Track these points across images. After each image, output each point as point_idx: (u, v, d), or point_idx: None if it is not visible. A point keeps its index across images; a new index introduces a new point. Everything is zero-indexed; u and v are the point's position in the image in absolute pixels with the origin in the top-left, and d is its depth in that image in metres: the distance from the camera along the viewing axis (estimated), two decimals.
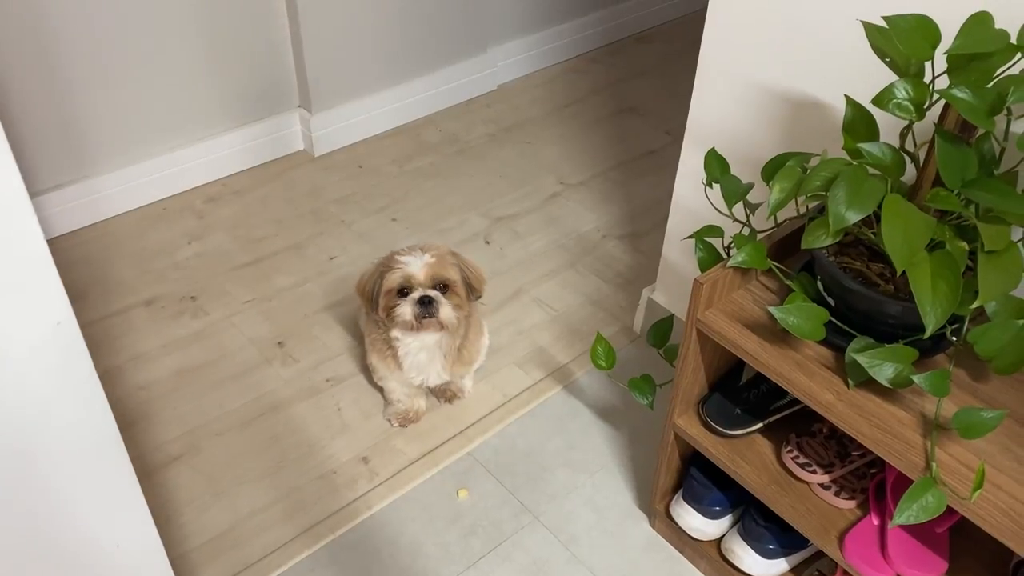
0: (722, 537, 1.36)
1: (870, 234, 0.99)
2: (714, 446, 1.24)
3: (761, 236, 1.13)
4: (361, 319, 1.67)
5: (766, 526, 1.27)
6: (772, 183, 1.00)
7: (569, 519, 1.46)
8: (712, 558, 1.36)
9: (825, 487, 1.18)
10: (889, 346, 0.95)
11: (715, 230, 1.16)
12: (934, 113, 0.91)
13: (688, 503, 1.35)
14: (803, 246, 0.96)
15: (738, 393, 1.27)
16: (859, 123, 0.97)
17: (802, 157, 1.04)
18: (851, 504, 1.17)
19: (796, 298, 1.03)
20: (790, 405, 1.26)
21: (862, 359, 0.94)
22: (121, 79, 1.95)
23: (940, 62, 0.88)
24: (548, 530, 1.45)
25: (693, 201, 1.53)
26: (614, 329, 1.83)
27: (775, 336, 1.07)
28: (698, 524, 1.34)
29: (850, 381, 1.01)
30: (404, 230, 2.08)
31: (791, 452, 1.20)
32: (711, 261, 1.15)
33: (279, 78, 2.21)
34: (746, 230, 1.13)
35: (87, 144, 1.98)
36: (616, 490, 1.51)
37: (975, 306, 0.89)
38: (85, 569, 0.94)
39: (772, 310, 0.99)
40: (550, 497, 1.50)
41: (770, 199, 0.99)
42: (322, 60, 2.19)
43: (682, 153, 1.52)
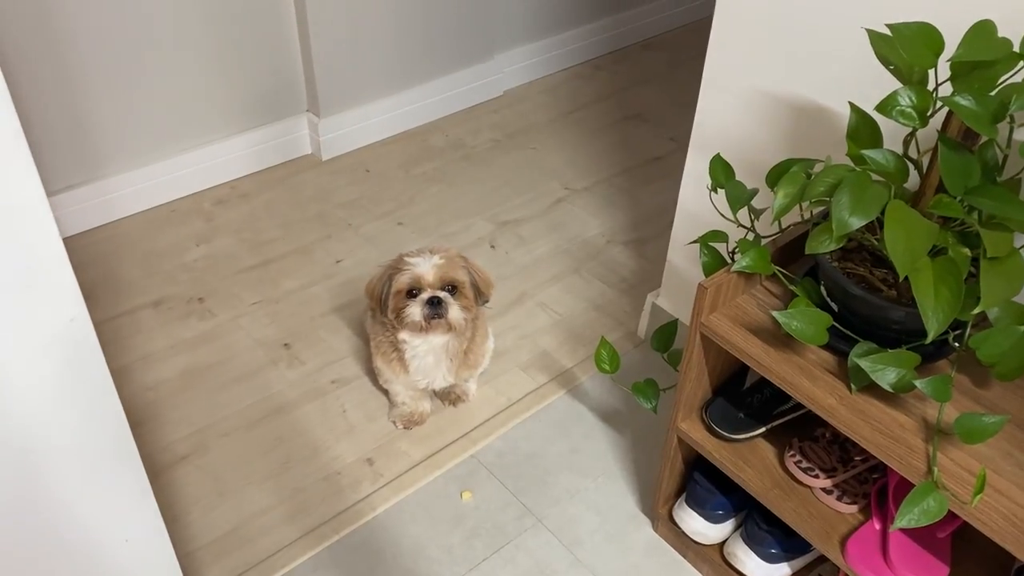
0: (725, 541, 1.36)
1: (873, 240, 1.00)
2: (717, 450, 1.25)
3: (765, 241, 1.14)
4: (367, 322, 1.68)
5: (769, 530, 1.28)
6: (776, 189, 1.01)
7: (572, 522, 1.47)
8: (715, 562, 1.36)
9: (828, 491, 1.18)
10: (892, 351, 0.96)
11: (720, 235, 1.17)
12: (937, 120, 0.92)
13: (691, 507, 1.35)
14: (807, 251, 0.97)
15: (741, 398, 1.27)
16: (863, 130, 0.98)
17: (806, 163, 1.05)
18: (853, 509, 1.18)
19: (800, 303, 1.04)
20: (793, 410, 1.26)
21: (865, 364, 0.95)
22: (132, 83, 1.97)
23: (943, 70, 0.89)
24: (551, 533, 1.45)
25: (698, 206, 1.54)
26: (618, 334, 1.83)
27: (778, 340, 1.08)
28: (701, 528, 1.35)
29: (853, 386, 1.02)
30: (410, 234, 2.10)
31: (794, 456, 1.21)
32: (715, 266, 1.16)
33: (288, 82, 2.23)
34: (750, 235, 1.14)
35: (97, 146, 2.00)
36: (619, 494, 1.52)
37: (977, 312, 0.89)
38: (94, 563, 0.95)
39: (776, 314, 1.00)
40: (553, 500, 1.50)
41: (774, 204, 1.00)
42: (330, 65, 2.21)
43: (687, 158, 1.53)
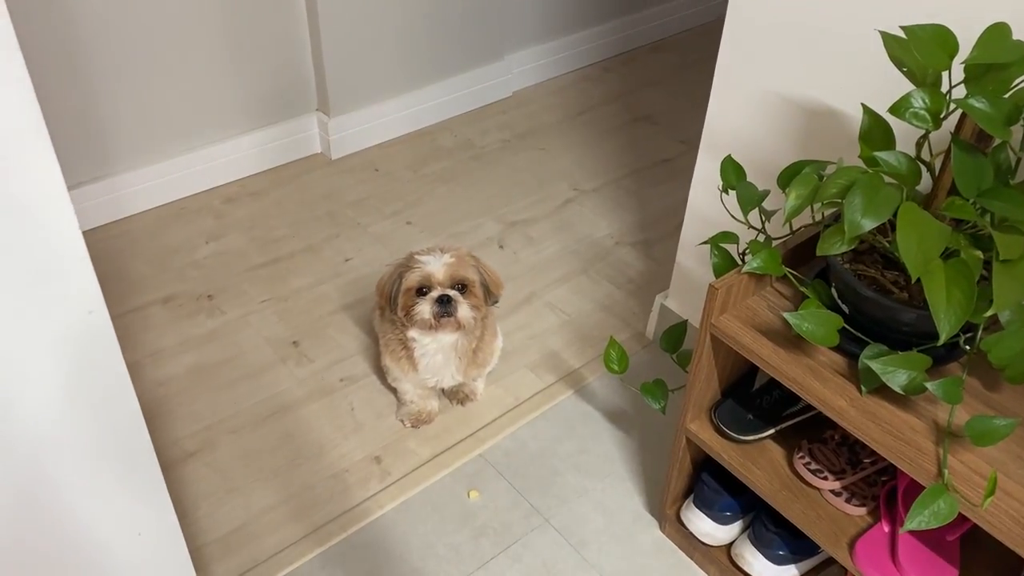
0: (732, 543, 1.36)
1: (885, 242, 1.00)
2: (726, 451, 1.25)
3: (776, 243, 1.14)
4: (375, 320, 1.69)
5: (777, 532, 1.27)
6: (788, 190, 1.01)
7: (579, 522, 1.47)
8: (722, 563, 1.36)
9: (836, 494, 1.18)
10: (903, 353, 0.96)
11: (730, 236, 1.17)
12: (950, 123, 0.92)
13: (699, 508, 1.35)
14: (818, 253, 0.97)
15: (751, 399, 1.27)
16: (876, 132, 0.98)
17: (818, 165, 1.05)
18: (862, 511, 1.17)
19: (810, 304, 1.04)
20: (802, 412, 1.26)
21: (876, 366, 0.95)
22: (143, 80, 1.98)
23: (957, 72, 0.89)
24: (558, 533, 1.46)
25: (708, 208, 1.54)
26: (626, 335, 1.83)
27: (789, 342, 1.08)
28: (708, 529, 1.35)
29: (863, 387, 1.02)
30: (419, 233, 2.10)
31: (803, 458, 1.21)
32: (726, 267, 1.16)
33: (298, 81, 2.24)
34: (761, 237, 1.14)
35: (108, 143, 2.01)
36: (626, 494, 1.52)
37: (989, 314, 0.89)
38: (106, 557, 0.95)
39: (787, 316, 1.00)
40: (560, 500, 1.51)
41: (786, 206, 1.00)
42: (341, 64, 2.22)
43: (698, 160, 1.53)
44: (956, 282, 0.88)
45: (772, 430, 1.25)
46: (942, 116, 0.90)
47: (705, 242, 1.19)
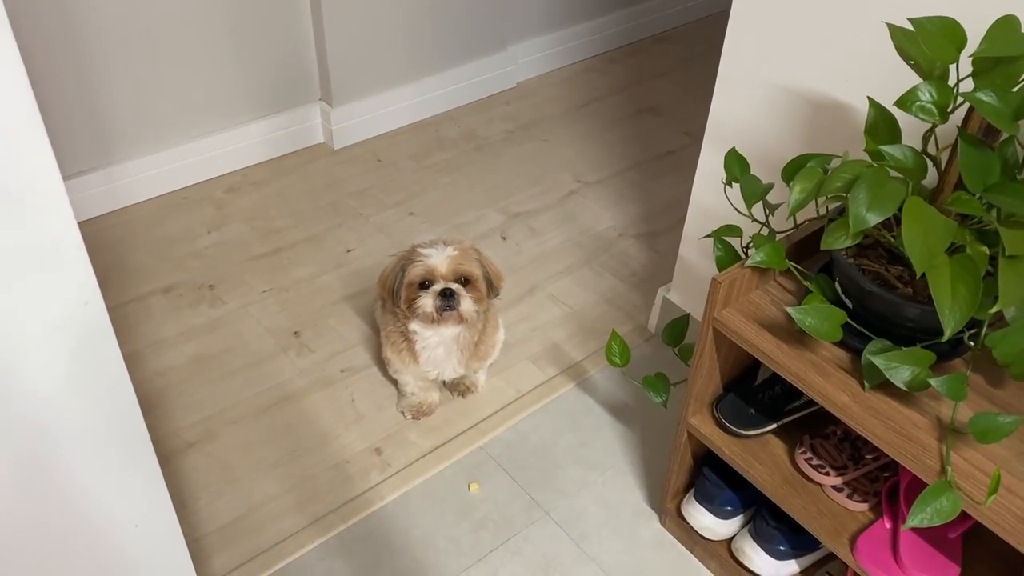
0: (733, 537, 1.36)
1: (890, 237, 0.99)
2: (727, 446, 1.24)
3: (780, 236, 1.13)
4: (377, 311, 1.68)
5: (777, 527, 1.27)
6: (792, 183, 1.00)
7: (579, 515, 1.47)
8: (722, 558, 1.36)
9: (838, 489, 1.18)
10: (906, 349, 0.95)
11: (734, 230, 1.16)
12: (957, 117, 0.91)
13: (700, 502, 1.35)
14: (822, 247, 0.96)
15: (753, 394, 1.27)
16: (881, 125, 0.97)
17: (823, 158, 1.04)
18: (863, 507, 1.17)
19: (814, 299, 1.03)
20: (804, 407, 1.26)
21: (879, 361, 0.94)
22: (145, 69, 1.97)
23: (965, 65, 0.88)
24: (558, 526, 1.45)
25: (711, 201, 1.53)
26: (628, 328, 1.83)
27: (792, 337, 1.07)
28: (709, 523, 1.34)
29: (866, 383, 1.01)
30: (421, 224, 2.09)
31: (804, 454, 1.20)
32: (729, 260, 1.15)
33: (301, 71, 2.23)
34: (765, 230, 1.13)
35: (109, 132, 2.01)
36: (627, 488, 1.52)
37: (994, 310, 0.88)
38: (103, 546, 0.95)
39: (790, 310, 0.99)
40: (561, 493, 1.50)
41: (790, 199, 0.99)
42: (344, 54, 2.20)
43: (701, 152, 1.52)
44: (961, 278, 0.87)
45: (774, 425, 1.25)
46: (949, 110, 0.89)
47: (708, 235, 1.18)
